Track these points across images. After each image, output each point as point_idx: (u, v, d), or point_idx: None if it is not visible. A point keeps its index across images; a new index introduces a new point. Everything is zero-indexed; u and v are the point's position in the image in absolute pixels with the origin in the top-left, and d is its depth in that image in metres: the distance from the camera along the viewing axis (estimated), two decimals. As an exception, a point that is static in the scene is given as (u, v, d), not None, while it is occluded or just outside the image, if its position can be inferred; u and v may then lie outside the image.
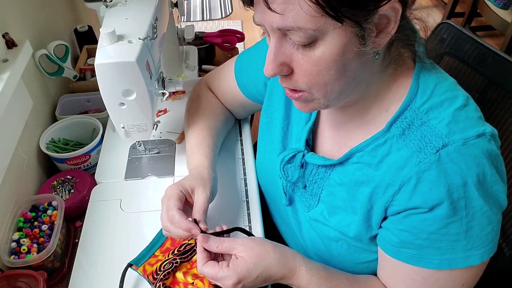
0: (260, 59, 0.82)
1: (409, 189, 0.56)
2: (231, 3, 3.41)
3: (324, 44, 0.51)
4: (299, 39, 0.51)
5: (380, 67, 0.58)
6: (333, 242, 0.70)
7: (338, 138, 0.69)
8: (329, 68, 0.52)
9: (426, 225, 0.56)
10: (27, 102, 0.95)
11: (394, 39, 0.56)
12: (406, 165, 0.57)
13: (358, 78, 0.56)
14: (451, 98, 0.58)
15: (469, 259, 0.56)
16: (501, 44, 2.17)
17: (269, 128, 0.82)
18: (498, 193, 0.56)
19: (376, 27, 0.51)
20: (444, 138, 0.55)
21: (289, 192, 0.77)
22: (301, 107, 0.62)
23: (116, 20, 0.77)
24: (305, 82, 0.55)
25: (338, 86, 0.55)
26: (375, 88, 0.60)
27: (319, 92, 0.56)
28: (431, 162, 0.55)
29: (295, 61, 0.54)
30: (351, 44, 0.51)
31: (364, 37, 0.50)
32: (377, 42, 0.52)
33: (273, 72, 0.55)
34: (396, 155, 0.59)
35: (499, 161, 0.57)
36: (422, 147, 0.56)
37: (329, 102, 0.58)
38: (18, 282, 0.73)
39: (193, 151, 0.83)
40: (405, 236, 0.59)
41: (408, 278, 0.61)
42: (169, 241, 0.77)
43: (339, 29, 0.49)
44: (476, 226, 0.55)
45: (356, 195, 0.64)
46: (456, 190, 0.54)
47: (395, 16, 0.50)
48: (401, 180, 0.57)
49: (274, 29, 0.52)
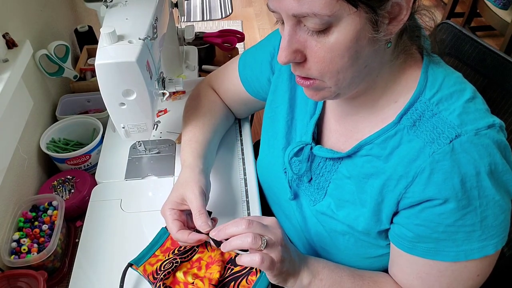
0: (264, 55, 0.83)
1: (423, 180, 0.57)
2: (231, 3, 3.41)
3: (339, 30, 0.51)
4: (314, 25, 0.51)
5: (391, 56, 0.59)
6: (340, 236, 0.70)
7: (344, 130, 0.70)
8: (342, 55, 0.53)
9: (443, 218, 0.56)
10: (28, 102, 0.96)
11: (404, 30, 0.57)
12: (419, 156, 0.57)
13: (369, 67, 0.57)
14: (459, 91, 0.58)
15: (485, 249, 0.57)
16: (501, 44, 2.17)
17: (273, 122, 0.82)
18: (509, 182, 0.57)
19: (389, 14, 0.52)
20: (456, 128, 0.55)
21: (293, 186, 0.77)
22: (312, 95, 0.62)
23: (116, 20, 0.77)
24: (318, 70, 0.55)
25: (350, 74, 0.56)
26: (385, 78, 0.61)
27: (331, 80, 0.56)
28: (445, 153, 0.55)
29: (308, 48, 0.54)
30: (364, 31, 0.51)
31: (378, 24, 0.51)
32: (390, 30, 0.53)
33: (287, 59, 0.55)
34: (407, 147, 0.59)
35: (508, 151, 0.58)
36: (435, 137, 0.56)
37: (340, 90, 0.59)
38: (18, 282, 0.73)
39: (182, 148, 0.84)
40: (422, 231, 0.59)
41: (423, 272, 0.62)
42: (169, 241, 0.77)
43: (353, 14, 0.50)
44: (490, 215, 0.56)
45: (365, 187, 0.64)
46: (469, 180, 0.54)
47: (407, 4, 0.51)
48: (414, 171, 0.57)
49: (289, 16, 0.52)
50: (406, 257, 0.63)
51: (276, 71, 0.81)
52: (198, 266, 0.73)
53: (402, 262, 0.65)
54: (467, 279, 0.60)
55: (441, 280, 0.61)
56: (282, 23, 0.56)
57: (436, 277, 0.61)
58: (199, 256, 0.75)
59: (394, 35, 0.55)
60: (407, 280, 0.65)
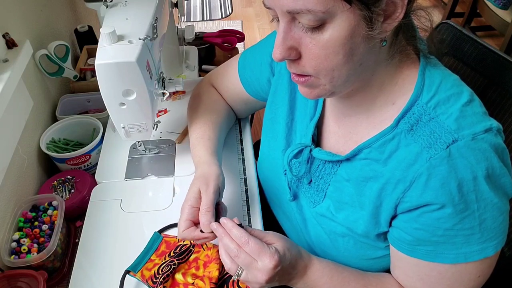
0: (264, 56, 0.83)
1: (420, 185, 0.57)
2: (231, 3, 3.41)
3: (333, 27, 0.51)
4: (308, 22, 0.51)
5: (386, 55, 0.59)
6: (339, 238, 0.70)
7: (343, 132, 0.70)
8: (337, 52, 0.53)
9: (442, 223, 0.57)
10: (28, 102, 0.96)
11: (400, 29, 0.57)
12: (417, 161, 0.57)
13: (365, 65, 0.57)
14: (457, 94, 0.58)
15: (484, 250, 0.57)
16: (501, 44, 2.17)
17: (273, 124, 0.82)
18: (506, 184, 0.57)
19: (384, 12, 0.52)
20: (453, 133, 0.55)
21: (293, 188, 0.77)
22: (307, 93, 0.62)
23: (116, 20, 0.77)
24: (313, 67, 0.55)
25: (345, 71, 0.56)
26: (381, 77, 0.61)
27: (326, 77, 0.56)
28: (442, 158, 0.55)
29: (303, 45, 0.54)
30: (359, 28, 0.51)
31: (372, 21, 0.51)
32: (384, 28, 0.53)
33: (281, 56, 0.55)
34: (405, 151, 0.59)
35: (506, 154, 0.58)
36: (432, 142, 0.56)
37: (335, 88, 0.59)
38: (18, 282, 0.73)
39: (195, 146, 0.84)
40: (421, 234, 0.59)
41: (424, 274, 0.62)
42: (163, 244, 0.77)
43: (347, 11, 0.50)
44: (489, 218, 0.56)
45: (364, 190, 0.64)
46: (466, 184, 0.54)
47: (402, 2, 0.51)
48: (412, 176, 0.57)
49: (284, 13, 0.52)
50: (407, 260, 0.63)
51: (276, 72, 0.81)
52: (196, 266, 0.73)
53: (402, 265, 0.65)
54: (468, 280, 0.60)
55: (442, 281, 0.61)
56: (278, 20, 0.57)
57: (437, 278, 0.61)
58: (196, 256, 0.75)
59: (389, 33, 0.54)
60: (409, 282, 0.65)
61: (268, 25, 3.15)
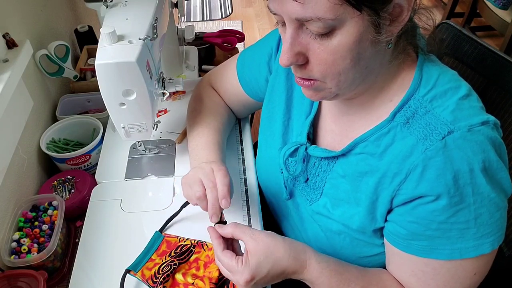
0: (262, 55, 0.83)
1: (415, 177, 0.57)
2: (231, 3, 3.41)
3: (342, 33, 0.51)
4: (318, 29, 0.51)
5: (390, 57, 0.59)
6: (336, 236, 0.70)
7: (339, 130, 0.70)
8: (344, 57, 0.53)
9: (436, 215, 0.56)
10: (28, 102, 0.96)
11: (404, 31, 0.57)
12: (412, 153, 0.57)
13: (370, 68, 0.57)
14: (454, 88, 0.58)
15: (480, 247, 0.56)
16: (501, 44, 2.17)
17: (270, 122, 0.82)
18: (504, 180, 0.56)
19: (390, 16, 0.52)
20: (449, 125, 0.55)
21: (289, 186, 0.77)
22: (311, 95, 0.62)
23: (117, 20, 0.77)
24: (320, 71, 0.55)
25: (351, 75, 0.56)
26: (383, 78, 0.61)
27: (332, 82, 0.57)
28: (437, 149, 0.55)
29: (311, 50, 0.54)
30: (367, 33, 0.52)
31: (380, 25, 0.51)
32: (391, 31, 0.53)
33: (289, 62, 0.55)
34: (400, 144, 0.59)
35: (503, 149, 0.57)
36: (428, 134, 0.56)
37: (340, 91, 0.59)
38: (18, 282, 0.73)
39: (202, 148, 0.82)
40: (415, 228, 0.59)
41: (418, 270, 0.61)
42: (164, 244, 0.77)
43: (357, 17, 0.50)
44: (485, 213, 0.55)
45: (359, 186, 0.64)
46: (462, 176, 0.54)
47: (408, 4, 0.52)
48: (407, 168, 0.57)
49: (292, 20, 0.52)
50: (401, 255, 0.62)
51: (273, 71, 0.81)
52: (196, 266, 0.73)
53: (397, 260, 0.64)
54: (463, 277, 0.59)
55: (437, 278, 0.60)
56: (282, 24, 0.56)
57: (431, 275, 0.60)
58: (196, 256, 0.75)
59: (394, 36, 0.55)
60: (404, 277, 0.64)
61: (268, 25, 3.15)
